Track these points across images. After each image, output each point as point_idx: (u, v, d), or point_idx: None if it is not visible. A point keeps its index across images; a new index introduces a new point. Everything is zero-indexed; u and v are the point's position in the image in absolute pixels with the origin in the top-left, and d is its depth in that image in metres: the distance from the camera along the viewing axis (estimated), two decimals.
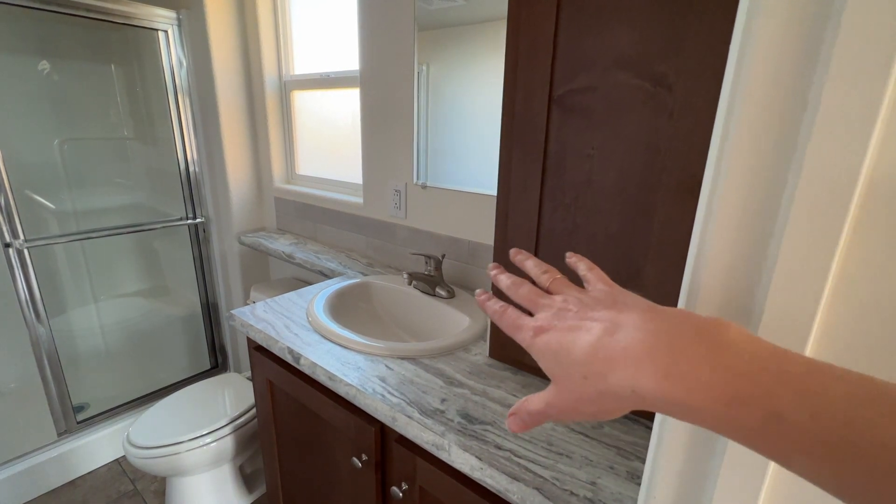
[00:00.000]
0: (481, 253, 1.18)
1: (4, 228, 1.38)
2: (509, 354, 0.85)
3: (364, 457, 0.82)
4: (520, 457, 0.63)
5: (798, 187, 0.27)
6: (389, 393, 0.77)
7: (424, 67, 1.21)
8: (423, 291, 1.15)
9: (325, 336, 0.95)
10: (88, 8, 1.43)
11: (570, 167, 0.68)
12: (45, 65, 1.57)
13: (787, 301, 0.28)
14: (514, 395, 0.77)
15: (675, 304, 0.58)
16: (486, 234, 1.17)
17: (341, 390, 0.81)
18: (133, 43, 1.77)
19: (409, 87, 1.24)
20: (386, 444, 0.80)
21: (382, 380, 0.80)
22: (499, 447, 0.65)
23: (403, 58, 1.23)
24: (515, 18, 0.69)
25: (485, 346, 0.93)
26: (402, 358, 0.88)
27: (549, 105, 0.68)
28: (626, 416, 0.72)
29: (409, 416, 0.71)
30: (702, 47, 0.53)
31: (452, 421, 0.70)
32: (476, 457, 0.63)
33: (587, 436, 0.68)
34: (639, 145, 0.61)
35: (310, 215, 1.67)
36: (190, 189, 1.84)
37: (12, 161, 1.52)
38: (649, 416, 0.71)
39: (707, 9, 0.52)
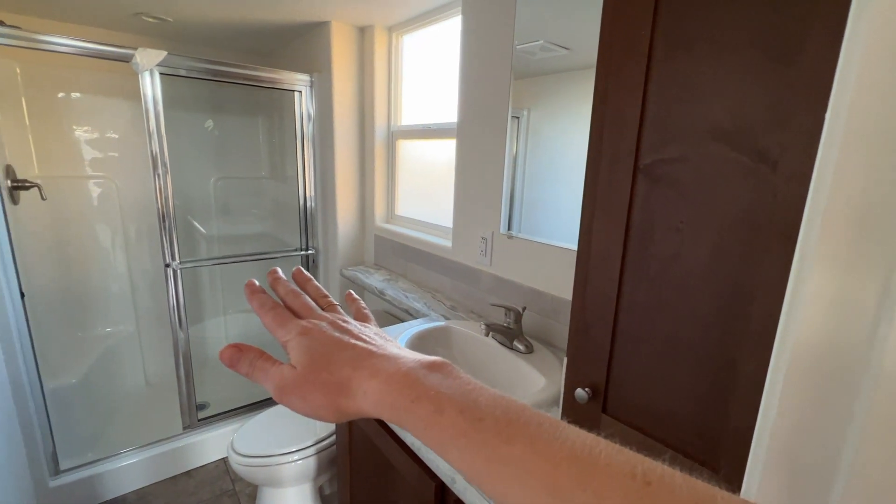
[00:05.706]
0: (564, 310, 1.14)
1: (167, 251, 1.70)
2: (581, 425, 0.79)
3: None
4: None
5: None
6: None
7: (525, 112, 1.22)
8: (501, 343, 1.14)
9: None
10: (246, 77, 1.74)
11: (657, 239, 0.64)
12: (209, 123, 1.95)
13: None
14: None
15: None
16: (571, 290, 1.13)
17: (408, 438, 0.83)
18: (277, 101, 2.12)
19: (501, 139, 1.28)
20: (445, 502, 0.79)
21: None
22: None
23: (497, 109, 1.28)
24: (602, 87, 0.68)
25: (557, 413, 0.88)
26: None
27: (634, 173, 0.65)
28: None
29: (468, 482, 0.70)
30: (814, 121, 0.47)
31: None
32: None
33: None
34: (736, 223, 0.55)
35: (403, 254, 1.77)
36: (305, 223, 2.08)
37: (181, 195, 1.89)
38: None
39: (821, 76, 0.47)
